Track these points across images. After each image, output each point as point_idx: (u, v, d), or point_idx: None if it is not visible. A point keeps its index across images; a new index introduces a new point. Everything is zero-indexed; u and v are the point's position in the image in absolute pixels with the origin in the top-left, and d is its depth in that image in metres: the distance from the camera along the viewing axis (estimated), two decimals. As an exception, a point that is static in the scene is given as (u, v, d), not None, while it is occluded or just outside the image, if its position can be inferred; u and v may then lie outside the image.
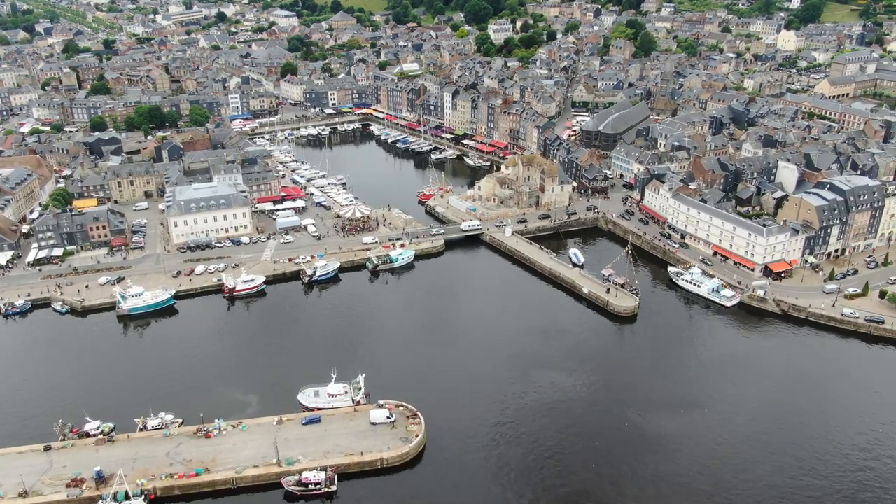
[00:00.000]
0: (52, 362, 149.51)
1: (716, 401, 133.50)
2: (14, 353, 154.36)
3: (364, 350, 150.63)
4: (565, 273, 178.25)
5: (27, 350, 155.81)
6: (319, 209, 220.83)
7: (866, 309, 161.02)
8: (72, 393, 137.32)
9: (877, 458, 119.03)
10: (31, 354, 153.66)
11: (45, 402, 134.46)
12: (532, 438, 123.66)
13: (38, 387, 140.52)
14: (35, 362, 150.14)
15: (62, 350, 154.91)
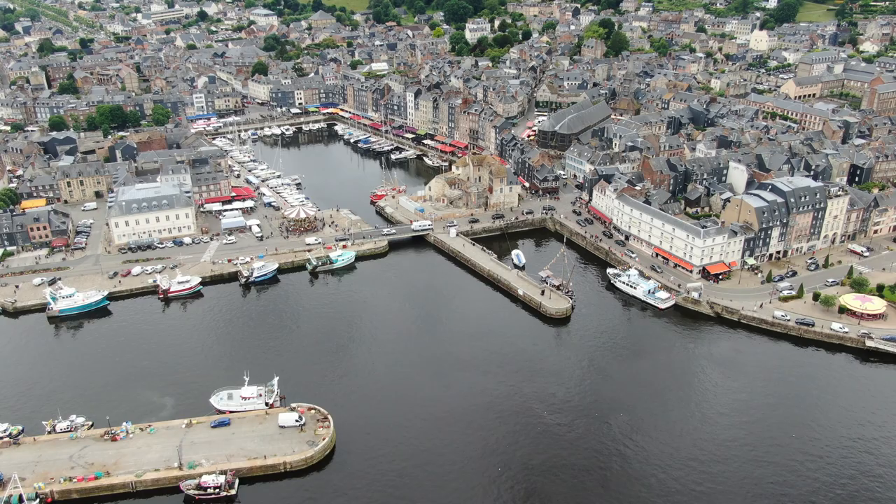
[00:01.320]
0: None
1: (634, 407, 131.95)
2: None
3: (286, 352, 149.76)
4: (503, 275, 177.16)
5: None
6: (268, 210, 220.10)
7: (800, 311, 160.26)
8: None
9: (785, 466, 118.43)
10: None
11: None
12: (441, 443, 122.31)
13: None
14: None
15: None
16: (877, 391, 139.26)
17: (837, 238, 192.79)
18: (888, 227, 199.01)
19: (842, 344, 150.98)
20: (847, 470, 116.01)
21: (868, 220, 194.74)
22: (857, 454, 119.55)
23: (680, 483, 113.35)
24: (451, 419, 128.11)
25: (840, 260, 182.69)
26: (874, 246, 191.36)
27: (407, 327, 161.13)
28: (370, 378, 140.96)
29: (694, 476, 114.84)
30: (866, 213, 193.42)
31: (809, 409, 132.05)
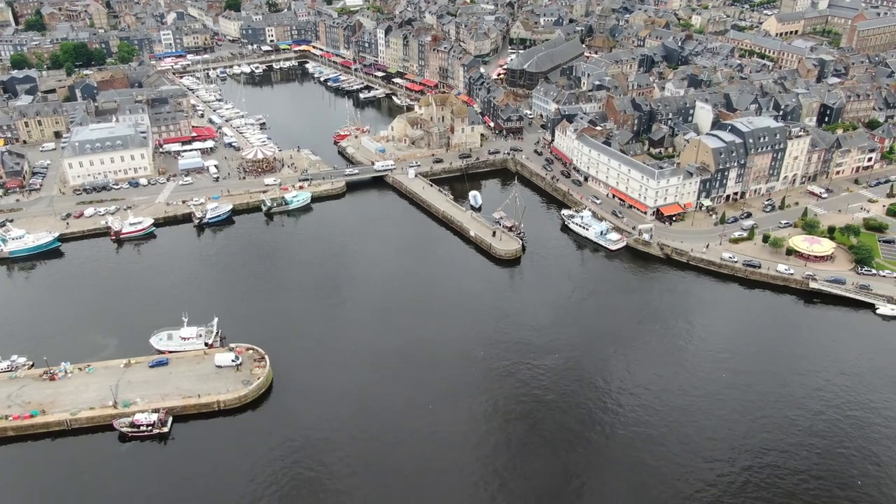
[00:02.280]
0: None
1: (572, 347, 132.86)
2: None
3: (232, 293, 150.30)
4: (457, 216, 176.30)
5: None
6: (228, 150, 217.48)
7: (750, 253, 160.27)
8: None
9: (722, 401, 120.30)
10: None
11: None
12: (378, 383, 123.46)
13: None
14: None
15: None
16: (819, 332, 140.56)
17: (798, 179, 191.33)
18: (850, 168, 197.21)
19: (786, 286, 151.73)
20: (769, 407, 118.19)
21: (830, 161, 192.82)
22: (788, 393, 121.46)
23: (613, 415, 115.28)
24: (389, 360, 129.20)
25: (797, 202, 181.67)
26: (834, 188, 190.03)
27: (356, 269, 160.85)
28: (312, 319, 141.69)
29: (629, 411, 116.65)
30: (828, 155, 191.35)
31: (745, 348, 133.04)
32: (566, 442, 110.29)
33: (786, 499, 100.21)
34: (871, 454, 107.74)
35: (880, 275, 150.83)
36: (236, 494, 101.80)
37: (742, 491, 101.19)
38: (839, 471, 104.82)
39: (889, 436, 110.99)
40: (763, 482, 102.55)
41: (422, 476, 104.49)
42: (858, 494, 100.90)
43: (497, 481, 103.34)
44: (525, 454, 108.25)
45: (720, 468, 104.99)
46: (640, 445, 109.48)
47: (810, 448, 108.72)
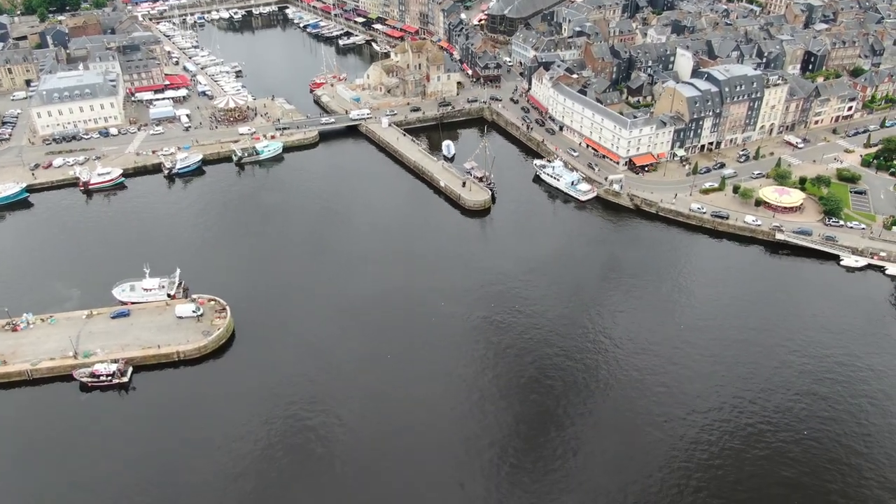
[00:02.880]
0: None
1: (535, 298, 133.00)
2: None
3: (197, 243, 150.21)
4: (428, 166, 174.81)
5: None
6: (202, 99, 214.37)
7: (719, 204, 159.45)
8: None
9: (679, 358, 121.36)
10: None
11: None
12: (337, 333, 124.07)
13: None
14: None
15: None
16: (784, 283, 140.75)
17: (775, 129, 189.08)
18: (830, 117, 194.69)
19: (754, 237, 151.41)
20: (732, 357, 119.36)
21: (809, 110, 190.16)
22: (746, 346, 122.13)
23: (573, 362, 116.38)
24: (351, 311, 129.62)
25: (772, 152, 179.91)
26: (811, 137, 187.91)
27: (324, 220, 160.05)
28: (278, 270, 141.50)
29: (591, 361, 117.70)
30: (806, 104, 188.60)
31: (708, 299, 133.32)
32: (523, 393, 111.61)
33: (734, 452, 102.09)
34: (821, 407, 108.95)
35: (847, 226, 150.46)
36: (194, 443, 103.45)
37: (695, 442, 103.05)
38: (788, 423, 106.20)
39: (840, 388, 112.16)
40: (715, 431, 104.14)
41: (381, 425, 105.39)
42: (805, 445, 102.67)
43: (453, 428, 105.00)
44: (482, 402, 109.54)
45: (677, 414, 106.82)
46: (597, 394, 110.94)
47: (766, 399, 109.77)
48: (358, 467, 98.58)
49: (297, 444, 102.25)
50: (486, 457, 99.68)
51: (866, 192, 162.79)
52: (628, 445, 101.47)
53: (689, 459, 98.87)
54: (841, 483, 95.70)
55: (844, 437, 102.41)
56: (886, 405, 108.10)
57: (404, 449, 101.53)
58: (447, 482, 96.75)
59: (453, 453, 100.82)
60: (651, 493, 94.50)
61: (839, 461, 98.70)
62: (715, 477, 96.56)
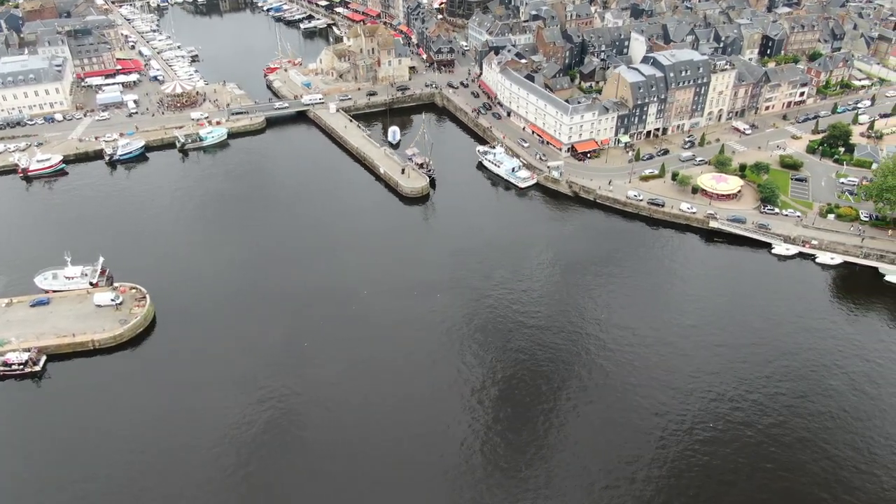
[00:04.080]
0: None
1: (458, 286, 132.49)
2: None
3: (129, 231, 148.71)
4: (370, 152, 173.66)
5: None
6: (153, 84, 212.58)
7: (658, 191, 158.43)
8: None
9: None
10: None
11: None
12: (260, 320, 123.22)
13: None
14: None
15: None
16: (716, 271, 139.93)
17: (724, 115, 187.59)
18: (781, 103, 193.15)
19: (689, 224, 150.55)
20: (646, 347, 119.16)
21: (759, 96, 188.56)
22: (665, 335, 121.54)
23: (489, 352, 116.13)
24: (274, 299, 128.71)
25: (718, 138, 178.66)
26: (760, 123, 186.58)
27: (259, 207, 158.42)
28: (205, 258, 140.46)
29: (504, 349, 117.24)
30: (756, 89, 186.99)
31: (638, 288, 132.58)
32: (446, 380, 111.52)
33: (634, 442, 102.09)
34: (747, 398, 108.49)
35: (783, 214, 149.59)
36: (106, 432, 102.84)
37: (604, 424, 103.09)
38: (699, 413, 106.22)
39: (760, 382, 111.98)
40: (622, 416, 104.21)
41: (299, 415, 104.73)
42: (711, 436, 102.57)
43: (363, 409, 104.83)
44: (397, 385, 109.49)
45: (588, 398, 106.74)
46: (517, 383, 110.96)
47: (677, 390, 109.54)
48: (281, 452, 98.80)
49: (207, 424, 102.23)
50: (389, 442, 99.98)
51: (807, 180, 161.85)
52: (542, 440, 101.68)
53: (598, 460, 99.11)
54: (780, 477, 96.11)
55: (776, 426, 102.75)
56: (814, 393, 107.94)
57: (311, 433, 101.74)
58: (366, 455, 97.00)
59: (367, 430, 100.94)
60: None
61: (765, 447, 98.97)
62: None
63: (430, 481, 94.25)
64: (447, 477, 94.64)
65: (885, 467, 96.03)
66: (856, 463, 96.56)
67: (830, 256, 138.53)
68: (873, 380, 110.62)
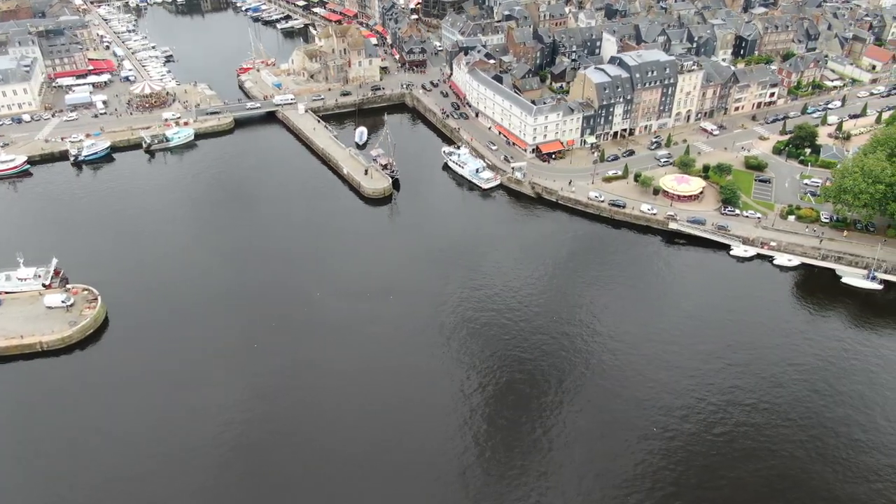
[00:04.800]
0: None
1: (412, 288, 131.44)
2: None
3: (87, 232, 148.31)
4: (335, 153, 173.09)
5: None
6: (124, 84, 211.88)
7: (621, 192, 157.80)
8: None
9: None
10: None
11: None
12: (212, 323, 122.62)
13: None
14: None
15: None
16: (676, 273, 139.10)
17: (693, 116, 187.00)
18: (751, 104, 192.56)
19: (649, 226, 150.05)
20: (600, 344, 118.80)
21: (727, 96, 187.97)
22: (624, 339, 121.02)
23: (431, 355, 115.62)
24: (227, 301, 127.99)
25: (685, 139, 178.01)
26: (729, 124, 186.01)
27: (218, 209, 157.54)
28: (161, 260, 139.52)
29: (446, 349, 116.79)
30: (724, 90, 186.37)
31: (597, 290, 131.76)
32: (396, 380, 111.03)
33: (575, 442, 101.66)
34: (693, 397, 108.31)
35: (743, 215, 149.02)
36: (51, 434, 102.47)
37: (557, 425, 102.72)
38: (641, 416, 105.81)
39: (712, 384, 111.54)
40: (572, 419, 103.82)
41: (247, 421, 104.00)
42: (655, 441, 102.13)
43: (309, 409, 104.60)
44: (344, 387, 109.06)
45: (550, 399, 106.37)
46: (473, 385, 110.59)
47: (630, 393, 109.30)
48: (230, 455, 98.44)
49: (143, 435, 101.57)
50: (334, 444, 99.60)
51: (771, 181, 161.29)
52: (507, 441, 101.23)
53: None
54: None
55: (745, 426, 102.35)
56: (767, 393, 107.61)
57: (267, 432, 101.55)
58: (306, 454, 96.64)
59: (308, 432, 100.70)
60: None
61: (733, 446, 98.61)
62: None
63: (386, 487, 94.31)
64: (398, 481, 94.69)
65: (833, 465, 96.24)
66: (804, 463, 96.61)
67: (788, 258, 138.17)
68: (827, 380, 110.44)
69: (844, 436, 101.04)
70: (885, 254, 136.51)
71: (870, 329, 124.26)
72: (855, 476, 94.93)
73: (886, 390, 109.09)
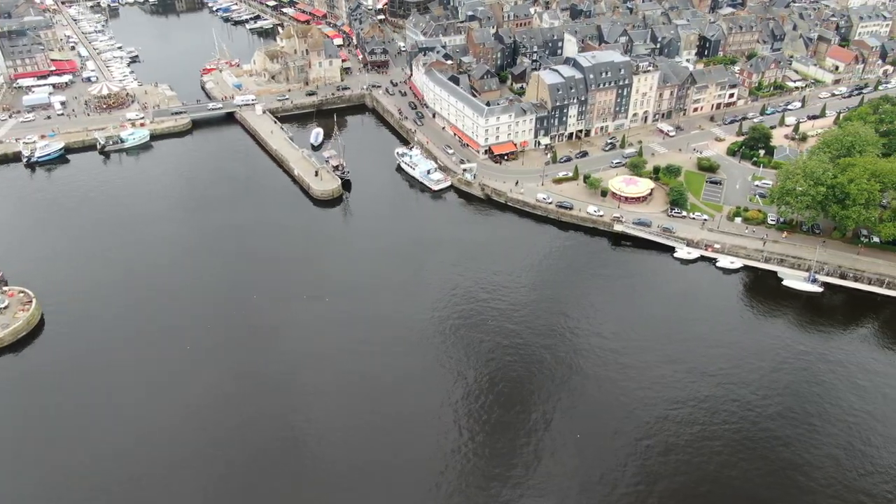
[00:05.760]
0: None
1: (350, 290, 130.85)
2: None
3: (35, 234, 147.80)
4: (287, 154, 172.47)
5: None
6: (85, 85, 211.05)
7: (571, 193, 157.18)
8: None
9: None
10: None
11: None
12: (147, 328, 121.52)
13: None
14: None
15: None
16: (620, 275, 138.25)
17: (650, 117, 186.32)
18: (710, 104, 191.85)
19: (596, 227, 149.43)
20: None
21: (685, 97, 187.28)
22: (566, 340, 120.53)
23: (374, 358, 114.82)
24: (162, 304, 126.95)
25: (640, 140, 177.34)
26: (686, 125, 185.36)
27: (168, 211, 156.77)
28: (102, 263, 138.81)
29: (390, 354, 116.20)
30: (682, 91, 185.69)
31: (538, 293, 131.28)
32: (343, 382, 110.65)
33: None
34: (621, 405, 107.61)
35: (690, 217, 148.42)
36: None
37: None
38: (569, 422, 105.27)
39: (649, 387, 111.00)
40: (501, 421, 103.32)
41: (181, 426, 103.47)
42: (578, 447, 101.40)
43: (231, 409, 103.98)
44: (267, 388, 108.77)
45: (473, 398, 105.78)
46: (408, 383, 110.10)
47: (564, 396, 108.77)
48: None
49: (73, 437, 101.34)
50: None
51: (722, 182, 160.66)
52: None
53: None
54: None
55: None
56: (706, 396, 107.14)
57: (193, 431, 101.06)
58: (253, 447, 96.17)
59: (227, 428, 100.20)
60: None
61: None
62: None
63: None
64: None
65: (762, 457, 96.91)
66: (740, 458, 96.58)
67: (731, 260, 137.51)
68: (766, 385, 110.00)
69: (783, 438, 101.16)
70: (828, 256, 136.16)
71: (809, 331, 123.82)
72: (776, 471, 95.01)
73: (824, 392, 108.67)
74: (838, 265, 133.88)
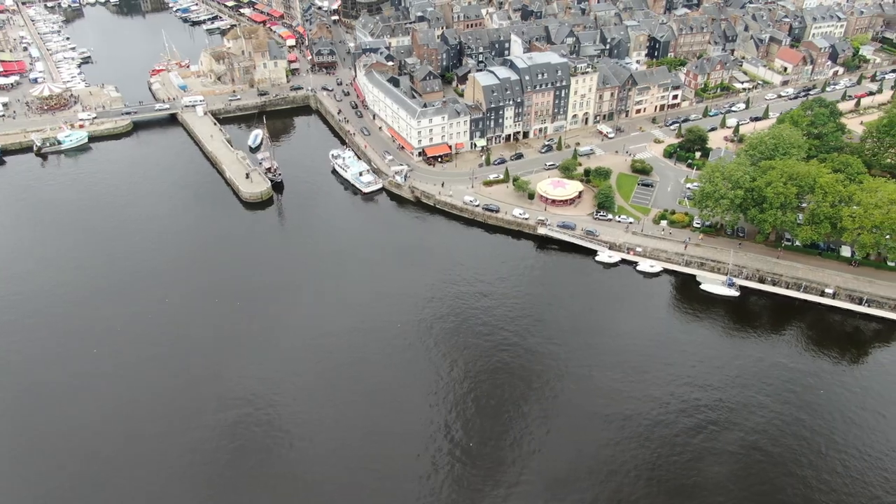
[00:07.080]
0: None
1: (263, 293, 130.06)
2: None
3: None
4: (223, 156, 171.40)
5: None
6: (30, 86, 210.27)
7: (500, 196, 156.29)
8: None
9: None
10: None
11: None
12: (61, 335, 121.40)
13: None
14: None
15: None
16: (542, 278, 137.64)
17: (591, 118, 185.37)
18: (653, 106, 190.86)
19: (521, 231, 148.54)
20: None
21: (626, 99, 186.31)
22: (480, 341, 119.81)
23: (302, 361, 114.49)
24: (74, 305, 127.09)
25: (578, 142, 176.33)
26: (627, 127, 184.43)
27: (97, 213, 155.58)
28: (32, 267, 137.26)
29: (316, 354, 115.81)
30: (623, 92, 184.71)
31: (454, 297, 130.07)
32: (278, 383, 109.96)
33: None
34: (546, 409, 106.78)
35: (616, 220, 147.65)
36: None
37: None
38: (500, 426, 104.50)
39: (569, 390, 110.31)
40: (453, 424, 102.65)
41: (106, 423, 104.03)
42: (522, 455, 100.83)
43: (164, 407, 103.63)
44: (187, 390, 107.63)
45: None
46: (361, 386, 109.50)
47: (482, 401, 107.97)
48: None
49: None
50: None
51: (654, 185, 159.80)
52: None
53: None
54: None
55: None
56: (623, 398, 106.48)
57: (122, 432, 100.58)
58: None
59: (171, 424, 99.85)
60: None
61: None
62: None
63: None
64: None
65: (666, 455, 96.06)
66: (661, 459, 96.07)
67: (650, 264, 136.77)
68: (685, 390, 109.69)
69: (685, 431, 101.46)
70: (747, 259, 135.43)
71: (723, 335, 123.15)
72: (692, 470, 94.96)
73: (735, 397, 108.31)
74: (756, 269, 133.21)
